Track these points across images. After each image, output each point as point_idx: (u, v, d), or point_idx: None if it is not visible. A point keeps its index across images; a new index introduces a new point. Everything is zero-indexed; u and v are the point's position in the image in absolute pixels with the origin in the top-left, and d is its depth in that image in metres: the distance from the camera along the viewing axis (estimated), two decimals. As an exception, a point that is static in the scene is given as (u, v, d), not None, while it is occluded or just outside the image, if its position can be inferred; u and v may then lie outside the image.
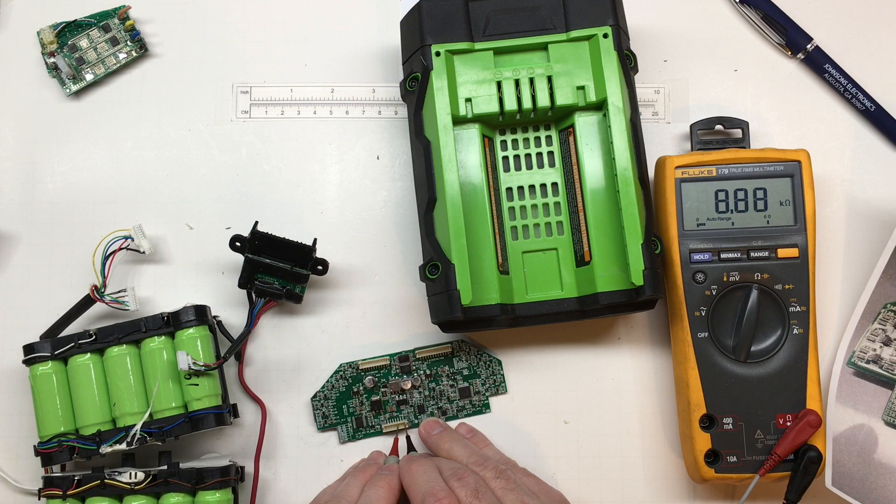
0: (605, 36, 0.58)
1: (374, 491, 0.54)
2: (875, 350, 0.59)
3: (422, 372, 0.62)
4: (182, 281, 0.63)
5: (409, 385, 0.62)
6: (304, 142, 0.65)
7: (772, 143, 0.64)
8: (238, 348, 0.60)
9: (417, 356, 0.62)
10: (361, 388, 0.62)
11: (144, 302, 0.62)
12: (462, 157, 0.58)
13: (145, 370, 0.58)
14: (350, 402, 0.62)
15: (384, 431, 0.62)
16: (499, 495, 0.52)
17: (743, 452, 0.57)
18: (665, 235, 0.60)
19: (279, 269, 0.60)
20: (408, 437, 0.62)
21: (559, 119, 0.60)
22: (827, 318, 0.62)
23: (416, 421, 0.62)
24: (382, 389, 0.62)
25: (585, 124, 0.59)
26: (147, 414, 0.57)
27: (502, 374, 0.62)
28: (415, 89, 0.59)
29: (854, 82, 0.64)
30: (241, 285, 0.60)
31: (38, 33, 0.65)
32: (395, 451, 0.62)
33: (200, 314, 0.58)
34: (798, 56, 0.65)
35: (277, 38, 0.66)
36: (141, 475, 0.57)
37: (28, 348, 0.59)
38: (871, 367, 0.59)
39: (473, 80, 0.59)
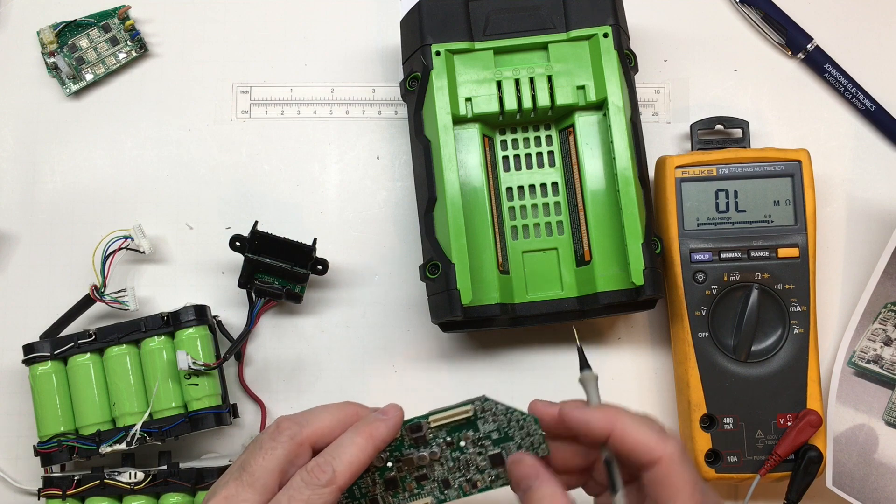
0: (606, 35, 0.58)
1: None
2: (875, 350, 0.59)
3: (441, 440, 0.49)
4: (182, 281, 0.63)
5: (428, 459, 0.49)
6: (304, 142, 0.65)
7: (772, 143, 0.64)
8: (238, 348, 0.60)
9: (432, 424, 0.49)
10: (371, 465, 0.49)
11: (144, 302, 0.62)
12: (462, 156, 0.58)
13: (145, 370, 0.58)
14: (360, 482, 0.49)
15: None
16: None
17: (743, 452, 0.57)
18: (665, 235, 0.60)
19: (279, 269, 0.60)
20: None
21: (559, 119, 0.60)
22: (827, 318, 0.62)
23: (442, 497, 0.49)
24: (397, 464, 0.49)
25: (585, 124, 0.59)
26: (147, 414, 0.57)
27: (541, 434, 0.49)
28: (415, 89, 0.59)
29: (854, 82, 0.64)
30: (241, 285, 0.60)
31: (38, 33, 0.64)
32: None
33: (200, 314, 0.58)
34: (798, 56, 0.65)
35: (277, 38, 0.66)
36: (141, 475, 0.57)
37: (28, 348, 0.58)
38: (872, 367, 0.59)
39: (473, 80, 0.59)
